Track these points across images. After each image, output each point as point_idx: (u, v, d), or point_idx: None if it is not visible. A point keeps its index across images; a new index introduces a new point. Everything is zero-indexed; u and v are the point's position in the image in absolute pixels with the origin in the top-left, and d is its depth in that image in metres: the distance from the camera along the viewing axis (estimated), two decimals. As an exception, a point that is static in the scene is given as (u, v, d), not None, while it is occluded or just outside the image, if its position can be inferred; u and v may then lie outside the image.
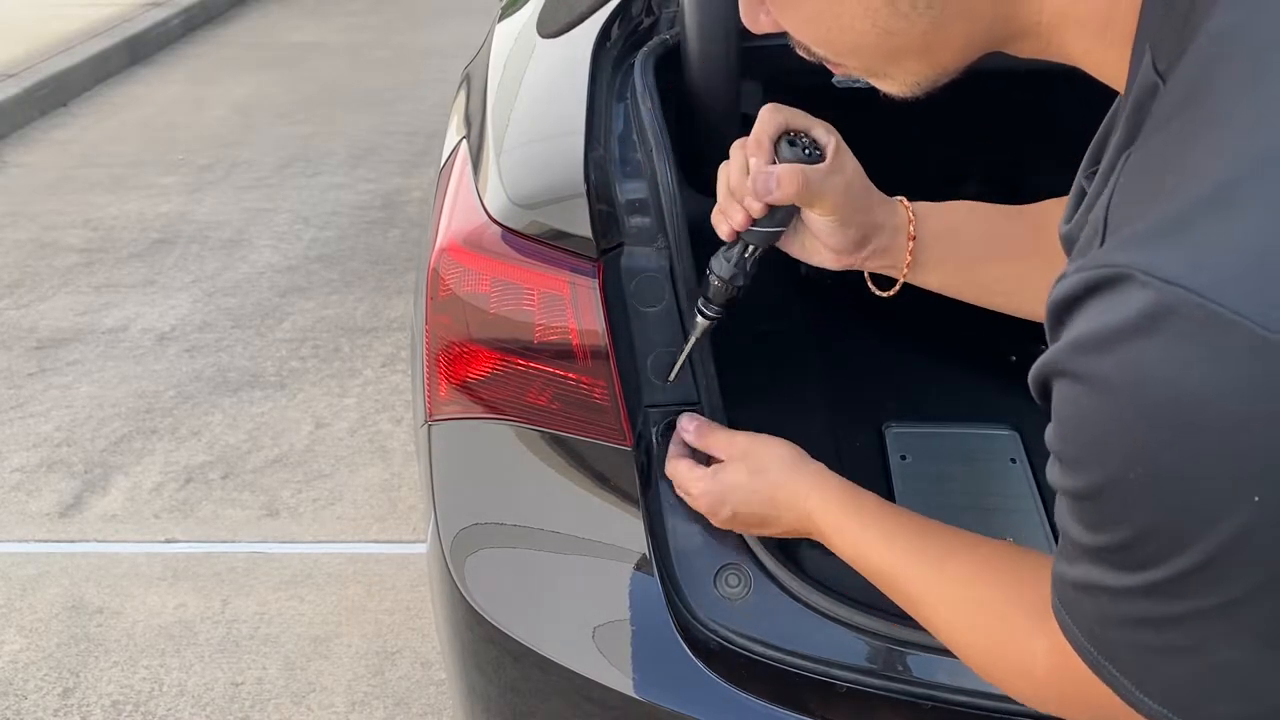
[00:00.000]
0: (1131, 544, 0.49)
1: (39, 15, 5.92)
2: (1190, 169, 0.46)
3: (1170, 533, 0.47)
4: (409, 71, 5.50)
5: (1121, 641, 0.54)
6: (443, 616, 1.13)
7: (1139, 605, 0.51)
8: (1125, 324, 0.45)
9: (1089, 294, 0.48)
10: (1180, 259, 0.44)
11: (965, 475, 1.47)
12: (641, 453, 1.01)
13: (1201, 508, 0.46)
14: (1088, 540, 0.52)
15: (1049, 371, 0.51)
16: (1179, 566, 0.47)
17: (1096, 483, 0.49)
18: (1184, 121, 0.48)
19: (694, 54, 1.17)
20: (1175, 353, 0.44)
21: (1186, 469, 0.45)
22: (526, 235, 1.02)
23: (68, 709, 1.96)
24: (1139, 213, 0.48)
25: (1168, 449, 0.45)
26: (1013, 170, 1.96)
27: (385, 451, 2.62)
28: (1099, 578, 0.53)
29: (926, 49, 0.59)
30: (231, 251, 3.65)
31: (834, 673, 0.95)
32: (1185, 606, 0.49)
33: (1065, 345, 0.49)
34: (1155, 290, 0.44)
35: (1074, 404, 0.49)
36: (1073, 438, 0.50)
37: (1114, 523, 0.50)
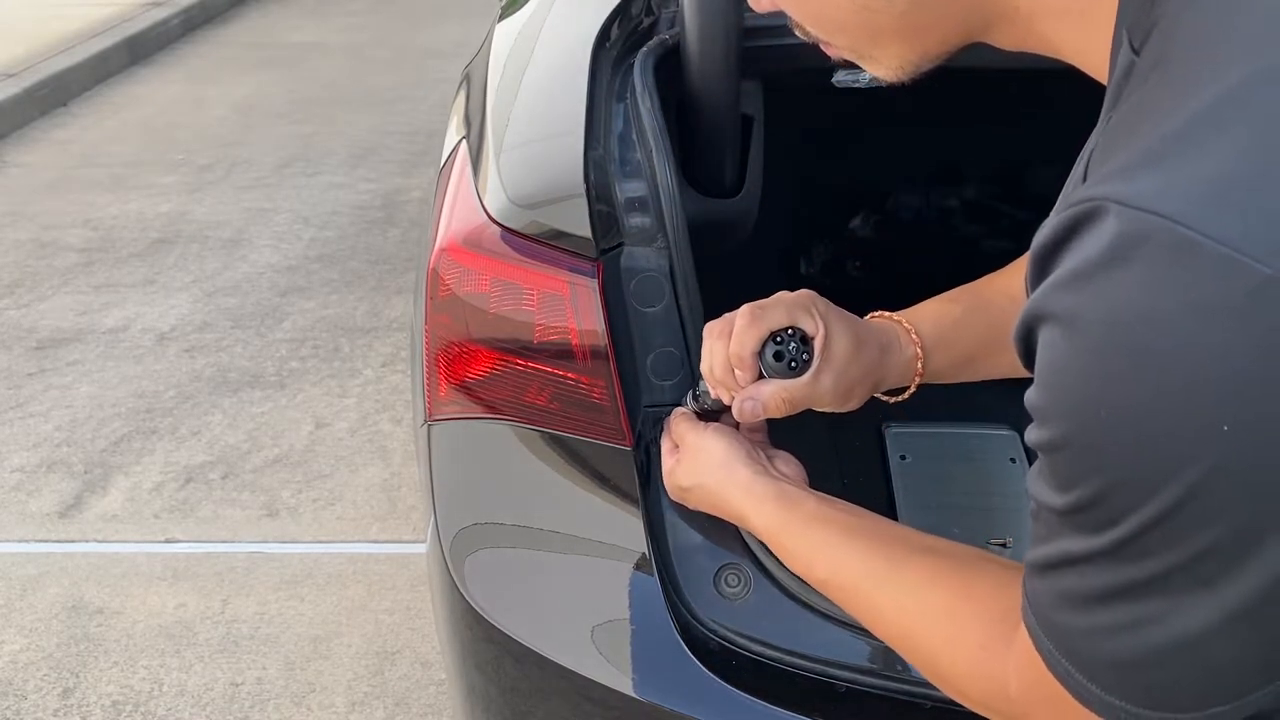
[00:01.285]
0: (1099, 498, 0.48)
1: (39, 15, 5.92)
2: (1163, 112, 0.47)
3: (1137, 479, 0.46)
4: (409, 71, 5.50)
5: (1082, 626, 0.52)
6: (442, 616, 1.13)
7: (1103, 573, 0.50)
8: (1100, 255, 0.45)
9: (1068, 234, 0.48)
10: (1152, 186, 0.45)
11: (965, 475, 1.47)
12: (641, 452, 1.01)
13: (1168, 446, 0.45)
14: (1058, 501, 0.51)
15: (1030, 321, 0.50)
16: (1145, 517, 0.46)
17: (1068, 429, 0.48)
18: (1156, 76, 0.49)
19: (694, 54, 1.17)
20: (1146, 280, 0.44)
21: (1153, 402, 0.45)
22: (526, 235, 1.02)
23: (68, 709, 1.96)
24: (1116, 154, 0.48)
25: (1135, 381, 0.45)
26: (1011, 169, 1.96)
27: (385, 451, 2.62)
28: (1069, 548, 0.52)
29: (907, 30, 0.60)
30: (231, 251, 3.65)
31: (833, 673, 0.95)
32: (1151, 567, 0.48)
33: (1046, 287, 0.48)
34: (1128, 218, 0.44)
35: (1050, 348, 0.48)
36: (1048, 384, 0.49)
37: (1083, 474, 0.49)
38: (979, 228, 1.95)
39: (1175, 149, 0.45)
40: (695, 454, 0.93)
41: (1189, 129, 0.45)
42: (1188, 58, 0.48)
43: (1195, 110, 0.46)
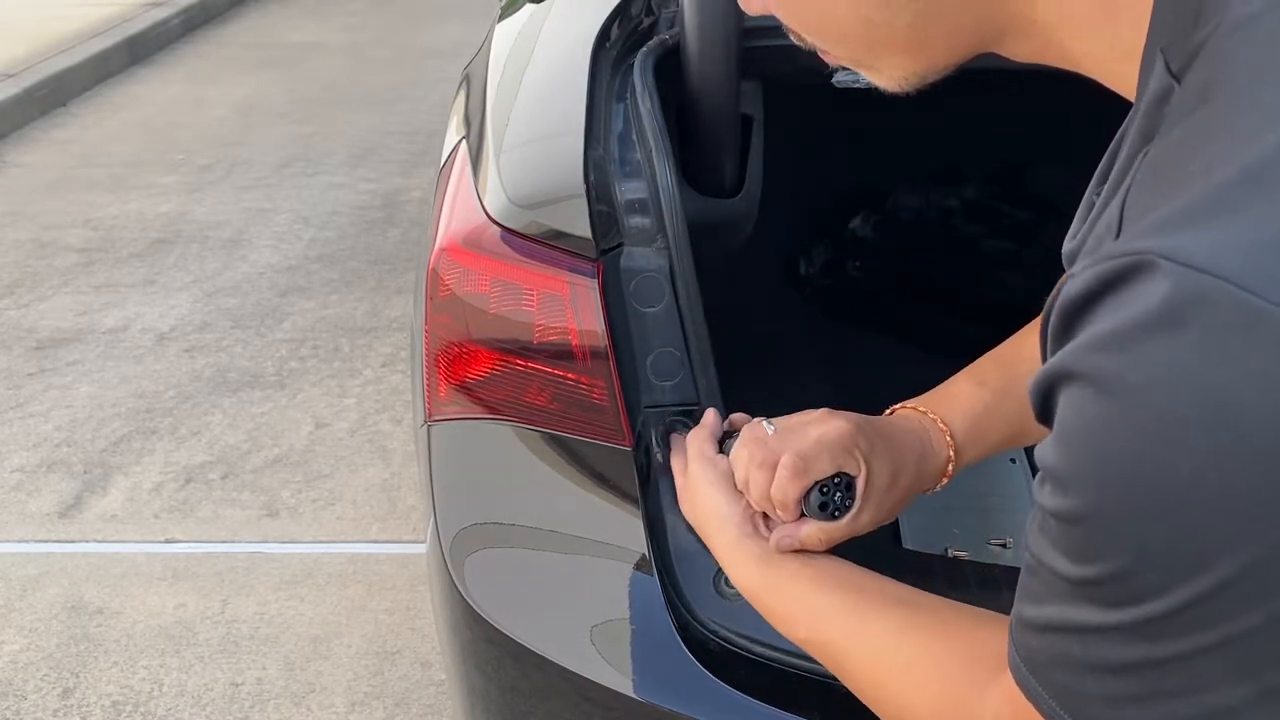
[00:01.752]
0: (1126, 574, 0.45)
1: (39, 15, 5.92)
2: (1214, 156, 0.43)
3: (1175, 558, 0.43)
4: (409, 71, 5.50)
5: (1095, 693, 0.49)
6: (442, 616, 1.13)
7: (1123, 647, 0.46)
8: (1147, 316, 0.41)
9: (1105, 289, 0.43)
10: (1208, 243, 0.41)
11: (965, 475, 1.46)
12: (641, 453, 1.01)
13: (1213, 526, 0.41)
14: (1071, 572, 0.47)
15: (1053, 378, 0.46)
16: (1180, 599, 0.43)
17: (1093, 501, 0.45)
18: (1205, 112, 0.45)
19: (694, 54, 1.17)
20: (1202, 346, 0.40)
21: (1206, 480, 0.41)
22: (526, 235, 1.02)
23: (68, 709, 1.96)
24: (1160, 201, 0.44)
25: (1183, 453, 0.41)
26: (1011, 169, 1.97)
27: (385, 451, 2.62)
28: (1076, 617, 0.48)
29: (912, 43, 0.57)
30: (231, 251, 3.65)
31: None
32: (1180, 647, 0.44)
33: (1077, 346, 0.44)
34: (1179, 277, 0.40)
35: (1079, 411, 0.44)
36: (1072, 450, 0.45)
37: (1106, 550, 0.45)
38: (979, 228, 1.95)
39: (1233, 200, 0.41)
40: (694, 493, 0.91)
41: (1248, 179, 0.42)
42: (1241, 95, 0.44)
43: (1256, 157, 0.42)
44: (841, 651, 0.75)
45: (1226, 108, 0.44)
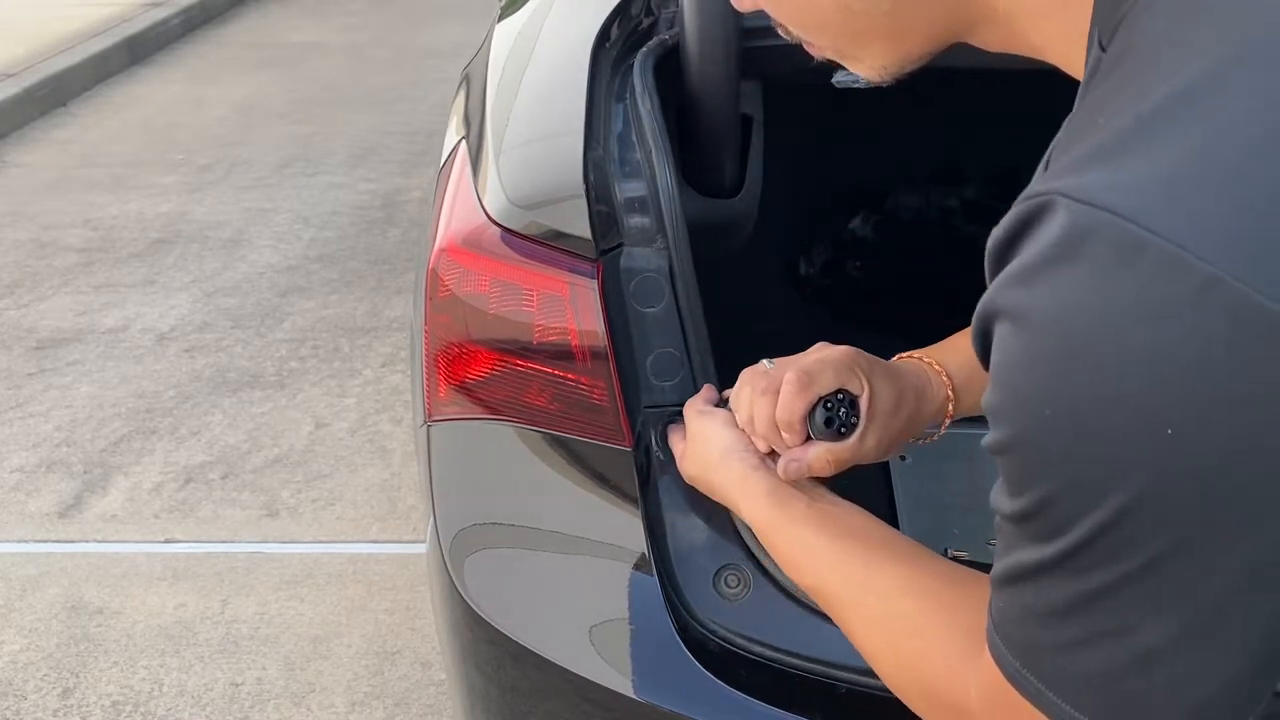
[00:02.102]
0: (1046, 503, 0.47)
1: (39, 15, 5.92)
2: (1117, 108, 0.47)
3: (1082, 484, 0.45)
4: (409, 71, 5.50)
5: (1049, 643, 0.51)
6: (442, 617, 1.13)
7: (1057, 586, 0.49)
8: (1048, 250, 0.44)
9: (1021, 229, 0.47)
10: (1102, 181, 0.44)
11: (965, 475, 1.46)
12: (641, 453, 1.01)
13: (1112, 450, 0.44)
14: (1009, 508, 0.50)
15: (983, 318, 0.49)
16: (1092, 524, 0.45)
17: (1016, 431, 0.47)
18: (1117, 74, 0.49)
19: (694, 54, 1.17)
20: (1094, 277, 0.43)
21: (1098, 403, 0.43)
22: (526, 236, 1.02)
23: (68, 709, 1.96)
24: (1071, 150, 0.48)
25: (1080, 381, 0.44)
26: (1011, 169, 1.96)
27: (385, 451, 2.62)
28: (1022, 558, 0.50)
29: (891, 32, 0.59)
30: (231, 251, 3.65)
31: (833, 673, 0.95)
32: (1100, 578, 0.46)
33: (997, 283, 0.47)
34: (1075, 212, 0.44)
35: (1000, 345, 0.47)
36: (999, 383, 0.48)
37: (1030, 478, 0.48)
38: (979, 228, 1.95)
39: (1127, 144, 0.45)
40: (698, 443, 0.93)
41: (1142, 125, 0.45)
42: (1148, 55, 0.48)
43: (1150, 107, 0.45)
44: (841, 604, 0.76)
45: (1133, 68, 0.48)
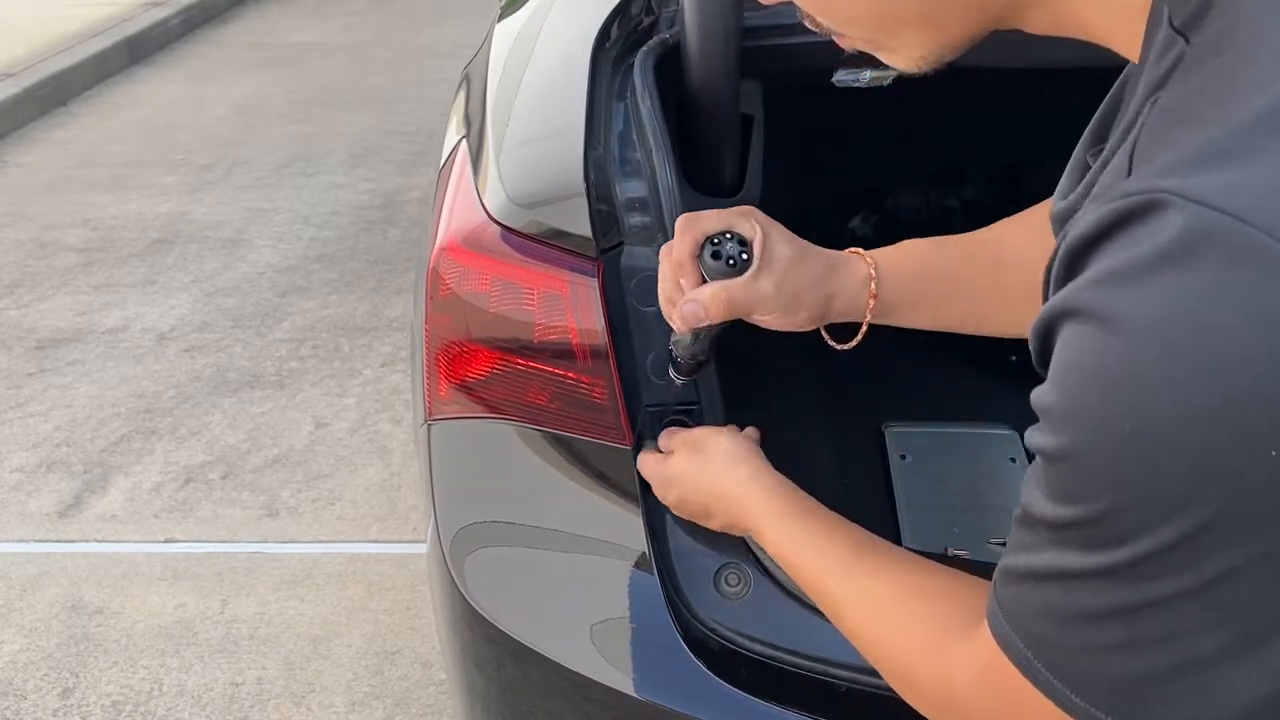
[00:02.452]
0: (1110, 514, 0.45)
1: (39, 15, 5.92)
2: (1228, 101, 0.43)
3: (1160, 498, 0.43)
4: (409, 71, 5.50)
5: (1069, 642, 0.49)
6: (442, 616, 1.13)
7: (1105, 592, 0.46)
8: (1155, 253, 0.41)
9: (1115, 227, 0.43)
10: (1219, 182, 0.41)
11: (965, 475, 1.47)
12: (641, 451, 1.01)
13: (1201, 464, 0.41)
14: (1057, 514, 0.48)
15: (1055, 316, 0.46)
16: (1164, 539, 0.43)
17: (1083, 437, 0.45)
18: (1218, 62, 0.45)
19: (694, 54, 1.17)
20: (1206, 283, 0.40)
21: (1196, 414, 0.41)
22: (526, 235, 1.02)
23: (67, 709, 1.96)
24: (1173, 144, 0.44)
25: (1179, 391, 0.41)
26: (1011, 169, 1.96)
27: (385, 451, 2.62)
28: (1059, 562, 0.48)
29: (926, 20, 0.56)
30: (231, 251, 3.65)
31: (833, 672, 0.95)
32: (1161, 589, 0.44)
33: (1082, 282, 0.44)
34: (1192, 214, 0.40)
35: (1078, 347, 0.44)
36: (1067, 385, 0.45)
37: (1093, 487, 0.45)
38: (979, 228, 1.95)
39: (1247, 143, 0.42)
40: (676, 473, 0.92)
41: (1261, 123, 0.42)
42: (1253, 44, 0.44)
43: (1269, 102, 0.42)
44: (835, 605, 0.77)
45: (1240, 56, 0.44)
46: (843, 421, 1.54)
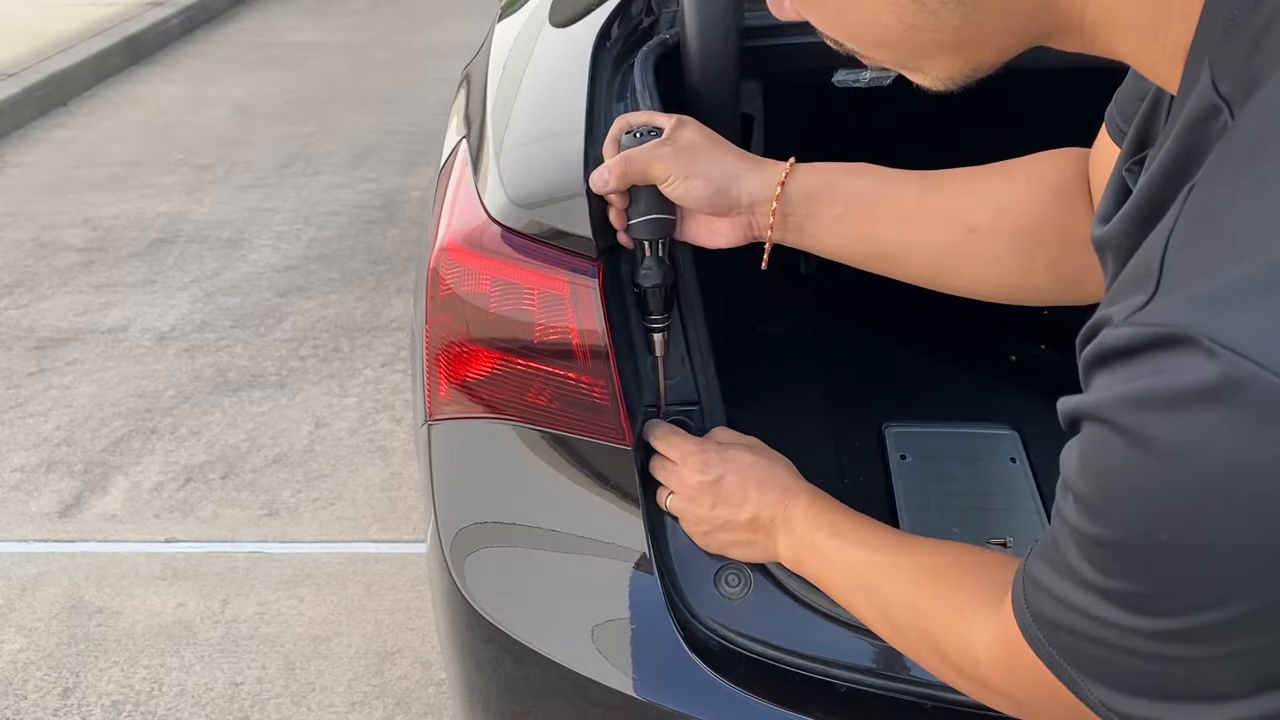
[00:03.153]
0: (1147, 595, 0.47)
1: (39, 15, 5.92)
2: (1265, 227, 0.44)
3: (1194, 593, 0.45)
4: (409, 71, 5.50)
5: (1098, 656, 0.52)
6: (442, 616, 1.13)
7: (1132, 640, 0.49)
8: (1187, 390, 0.43)
9: (1145, 350, 0.45)
10: (1252, 329, 0.42)
11: (965, 475, 1.47)
12: (641, 452, 1.01)
13: (1238, 577, 0.44)
14: (1091, 577, 0.50)
15: (1086, 414, 0.48)
16: (1196, 622, 0.46)
17: (1121, 536, 0.47)
18: (1260, 171, 0.45)
19: (694, 54, 1.17)
20: (1239, 429, 0.42)
21: (1231, 540, 0.43)
22: (526, 235, 1.02)
23: (68, 709, 1.96)
24: (1204, 266, 0.45)
25: (1214, 520, 0.43)
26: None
27: (385, 451, 2.62)
28: (1091, 607, 0.51)
29: (960, 45, 0.56)
30: (231, 251, 3.65)
31: (834, 672, 0.95)
32: (1190, 652, 0.47)
33: (1113, 397, 0.46)
34: (1224, 362, 0.42)
35: (1111, 454, 0.46)
36: (1103, 486, 0.47)
37: (1130, 574, 0.48)
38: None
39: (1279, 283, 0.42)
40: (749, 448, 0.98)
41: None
42: None
43: None
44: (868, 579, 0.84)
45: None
46: (843, 421, 1.54)
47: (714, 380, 1.05)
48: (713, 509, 0.96)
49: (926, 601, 0.76)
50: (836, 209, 0.93)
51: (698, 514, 0.97)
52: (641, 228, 0.98)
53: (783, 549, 0.93)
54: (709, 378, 1.04)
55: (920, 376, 1.67)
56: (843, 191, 0.93)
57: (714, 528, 0.96)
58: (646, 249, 0.99)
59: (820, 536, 0.89)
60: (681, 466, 0.98)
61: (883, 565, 0.83)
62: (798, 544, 0.91)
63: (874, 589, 0.83)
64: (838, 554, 0.87)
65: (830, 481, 1.43)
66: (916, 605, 0.77)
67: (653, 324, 1.01)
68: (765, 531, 0.93)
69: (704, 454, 0.97)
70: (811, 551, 0.90)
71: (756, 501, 0.94)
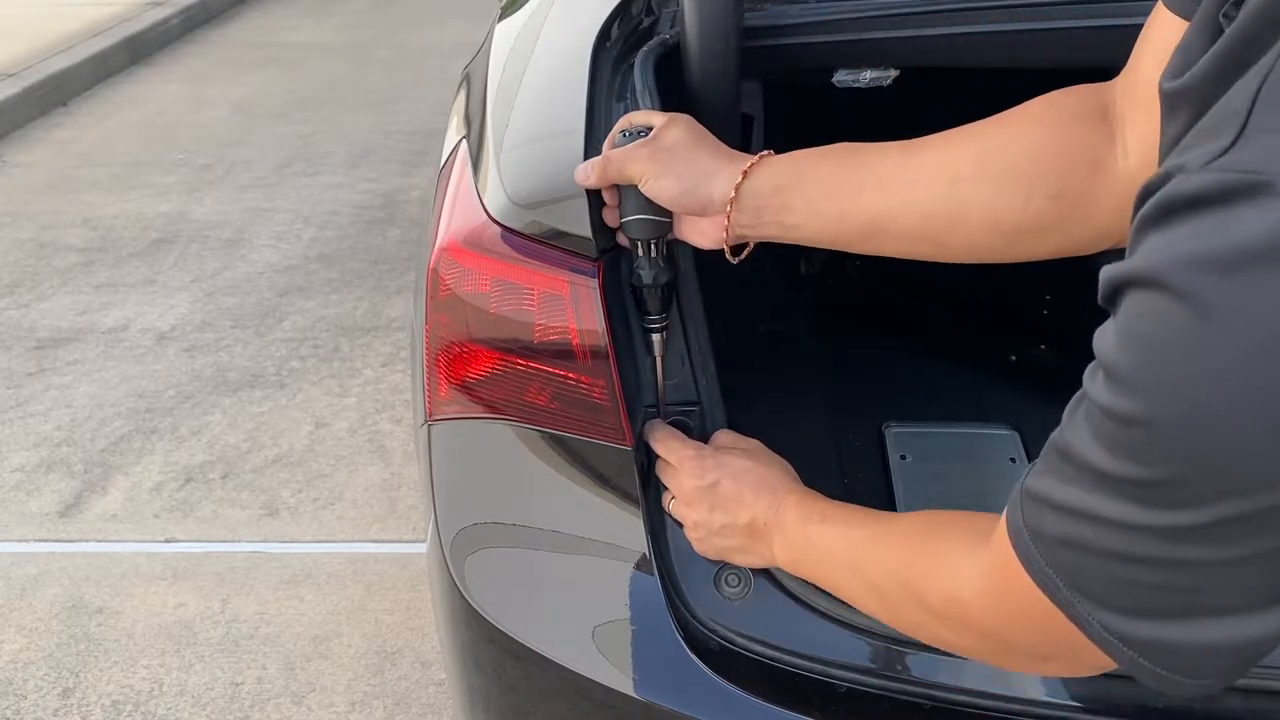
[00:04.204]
0: (1172, 481, 0.44)
1: (39, 15, 5.92)
2: None
3: (1229, 475, 0.42)
4: (409, 71, 5.50)
5: (1098, 573, 0.50)
6: (443, 616, 1.13)
7: (1144, 544, 0.47)
8: (1254, 247, 0.40)
9: (1217, 200, 0.41)
10: None
11: (965, 475, 1.46)
12: (641, 452, 1.01)
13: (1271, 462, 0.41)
14: (1110, 467, 0.47)
15: (1137, 278, 0.44)
16: (1222, 512, 0.43)
17: (1161, 410, 0.44)
18: None
19: (694, 54, 1.17)
20: None
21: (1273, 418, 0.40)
22: (526, 235, 1.02)
23: (68, 709, 1.96)
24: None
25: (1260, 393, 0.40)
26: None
27: (385, 451, 2.62)
28: (1102, 509, 0.48)
29: None
30: (231, 251, 3.65)
31: (834, 673, 0.95)
32: (1204, 554, 0.45)
33: (1170, 258, 0.42)
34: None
35: (1162, 321, 0.43)
36: (1145, 356, 0.44)
37: (1161, 455, 0.44)
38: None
39: None
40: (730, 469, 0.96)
41: None
42: None
43: None
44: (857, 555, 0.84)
45: None
46: (843, 421, 1.53)
47: (714, 380, 1.05)
48: (710, 513, 0.96)
49: (910, 558, 0.76)
50: (811, 193, 0.90)
51: (695, 519, 0.97)
52: (632, 226, 0.98)
53: (778, 550, 0.93)
54: (709, 378, 1.04)
55: (920, 376, 1.67)
56: (815, 174, 0.91)
57: (711, 533, 0.96)
58: (640, 249, 0.99)
59: (809, 526, 0.89)
60: (679, 471, 0.98)
61: (868, 538, 0.84)
62: (790, 542, 0.91)
63: (861, 562, 0.83)
64: (825, 539, 0.88)
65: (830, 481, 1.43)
66: (900, 565, 0.77)
67: (650, 324, 1.01)
68: (761, 536, 0.93)
69: (700, 459, 0.97)
70: (804, 545, 0.90)
71: (752, 505, 0.94)
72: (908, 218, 0.87)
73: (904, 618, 0.79)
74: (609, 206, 0.99)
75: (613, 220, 0.99)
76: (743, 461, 0.97)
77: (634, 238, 0.98)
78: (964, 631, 0.69)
